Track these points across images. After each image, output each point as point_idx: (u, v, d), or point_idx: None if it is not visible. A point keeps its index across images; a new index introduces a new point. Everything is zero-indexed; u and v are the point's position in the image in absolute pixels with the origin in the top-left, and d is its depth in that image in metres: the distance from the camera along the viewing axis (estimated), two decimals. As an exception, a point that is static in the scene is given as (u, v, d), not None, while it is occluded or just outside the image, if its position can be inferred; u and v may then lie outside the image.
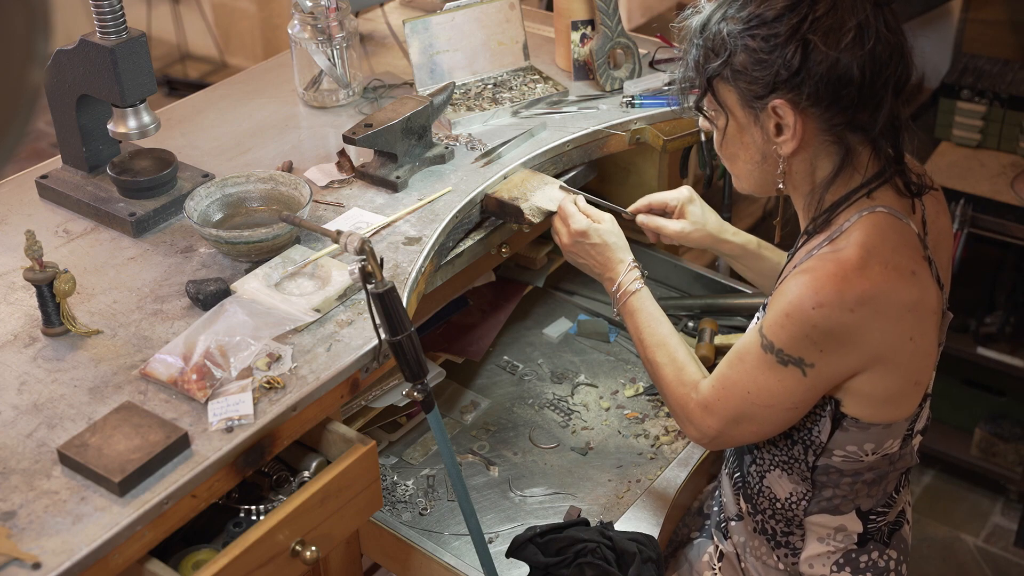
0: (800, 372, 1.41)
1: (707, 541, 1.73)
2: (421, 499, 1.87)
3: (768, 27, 1.37)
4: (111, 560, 1.31)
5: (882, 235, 1.39)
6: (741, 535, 1.64)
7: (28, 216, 1.88)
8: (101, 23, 1.70)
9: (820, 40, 1.34)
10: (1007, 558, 2.79)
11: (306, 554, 1.45)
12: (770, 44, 1.37)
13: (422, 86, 2.17)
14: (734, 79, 1.42)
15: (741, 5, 1.40)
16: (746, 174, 1.52)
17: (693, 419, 1.54)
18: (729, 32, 1.40)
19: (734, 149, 1.49)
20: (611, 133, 2.08)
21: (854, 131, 1.40)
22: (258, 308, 1.60)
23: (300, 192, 1.79)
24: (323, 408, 1.53)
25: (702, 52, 1.45)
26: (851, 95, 1.36)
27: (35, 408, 1.47)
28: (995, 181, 2.80)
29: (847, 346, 1.38)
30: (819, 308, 1.36)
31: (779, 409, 1.45)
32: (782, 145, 1.42)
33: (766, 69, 1.37)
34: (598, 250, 1.73)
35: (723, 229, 1.83)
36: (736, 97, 1.43)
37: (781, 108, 1.39)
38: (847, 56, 1.35)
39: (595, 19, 2.18)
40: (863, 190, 1.42)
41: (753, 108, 1.42)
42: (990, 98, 2.87)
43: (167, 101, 3.77)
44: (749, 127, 1.45)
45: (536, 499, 1.86)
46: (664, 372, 1.60)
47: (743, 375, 1.47)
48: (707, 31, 1.44)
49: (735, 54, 1.40)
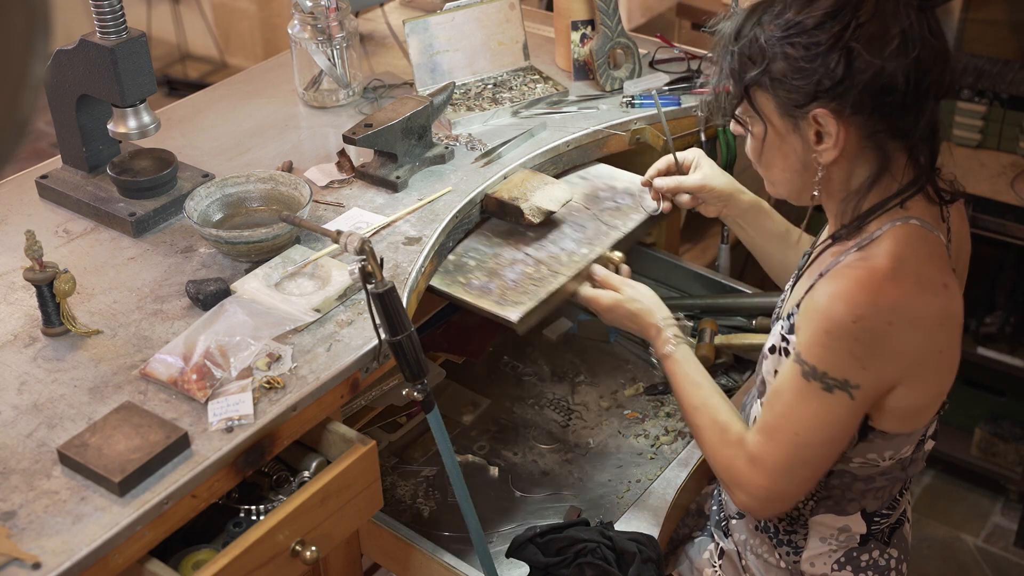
0: (848, 396, 1.36)
1: (707, 539, 1.73)
2: (421, 499, 1.87)
3: (809, 35, 1.33)
4: (111, 560, 1.31)
5: (913, 247, 1.37)
6: (742, 533, 1.64)
7: (28, 216, 1.88)
8: (101, 23, 1.70)
9: (864, 48, 1.30)
10: (1007, 558, 2.79)
11: (306, 554, 1.45)
12: (811, 52, 1.33)
13: (422, 86, 2.17)
14: (772, 87, 1.37)
15: (778, 12, 1.36)
16: (783, 181, 1.47)
17: (740, 480, 1.46)
18: (767, 39, 1.36)
19: (771, 156, 1.45)
20: (611, 133, 2.08)
21: (894, 138, 1.37)
22: (258, 308, 1.60)
23: (300, 192, 1.79)
24: (323, 408, 1.53)
25: (738, 59, 1.40)
26: (895, 102, 1.33)
27: (35, 408, 1.47)
28: (995, 181, 2.80)
29: (885, 360, 1.34)
30: (859, 321, 1.32)
31: (831, 444, 1.40)
32: (823, 153, 1.38)
33: (807, 78, 1.33)
34: (632, 320, 1.70)
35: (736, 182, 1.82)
36: (774, 105, 1.39)
37: (823, 117, 1.35)
38: (892, 64, 1.31)
39: (595, 19, 2.18)
40: (897, 199, 1.39)
41: (793, 116, 1.38)
42: (990, 98, 2.86)
43: (167, 101, 3.77)
44: (788, 135, 1.40)
45: (536, 499, 1.86)
46: (706, 435, 1.53)
47: (786, 415, 1.40)
48: (742, 37, 1.39)
49: (774, 62, 1.36)
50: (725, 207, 1.83)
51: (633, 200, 1.97)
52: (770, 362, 1.49)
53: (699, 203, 1.85)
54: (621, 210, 1.95)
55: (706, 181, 1.82)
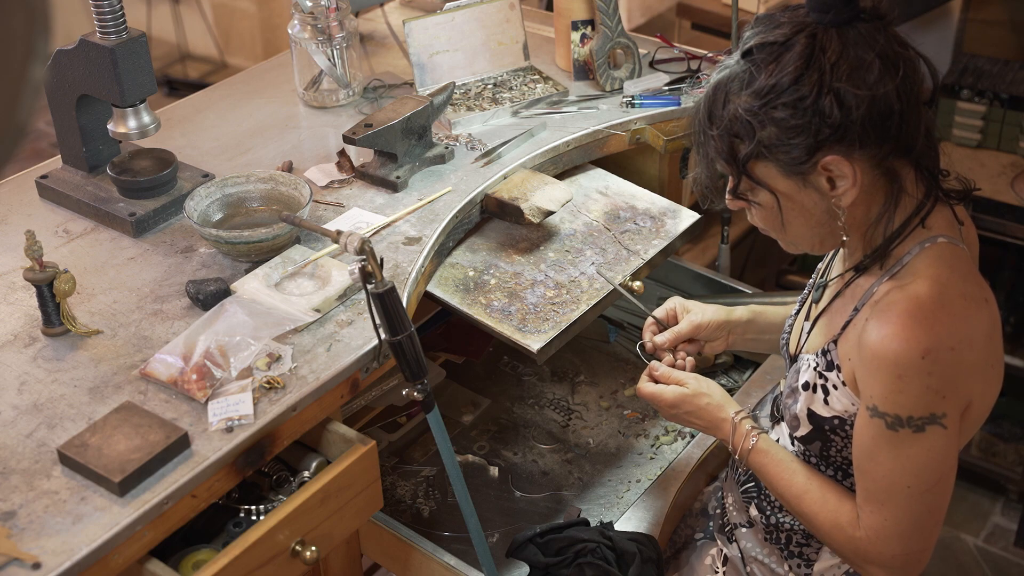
0: (941, 428, 1.33)
1: (710, 542, 1.71)
2: (421, 499, 1.87)
3: (789, 93, 1.30)
4: (111, 560, 1.31)
5: (950, 267, 1.35)
6: (749, 542, 1.62)
7: (28, 216, 1.88)
8: (101, 23, 1.70)
9: (850, 84, 1.29)
10: (1007, 558, 2.79)
11: (306, 554, 1.45)
12: (800, 108, 1.30)
13: (422, 86, 2.17)
14: (771, 154, 1.34)
15: (746, 82, 1.33)
16: (804, 237, 1.44)
17: (873, 558, 1.40)
18: (747, 110, 1.32)
19: (789, 219, 1.41)
20: (611, 133, 2.08)
21: (899, 156, 1.35)
22: (258, 308, 1.60)
23: (300, 192, 1.79)
24: (323, 408, 1.53)
25: (725, 142, 1.36)
26: (895, 124, 1.32)
27: (35, 408, 1.47)
28: (995, 181, 2.80)
29: (959, 384, 1.33)
30: (927, 355, 1.30)
31: (944, 481, 1.37)
32: (842, 197, 1.35)
33: (804, 133, 1.31)
34: (699, 416, 1.60)
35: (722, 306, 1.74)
36: (776, 170, 1.36)
37: (834, 164, 1.32)
38: (881, 88, 1.29)
39: (595, 19, 2.18)
40: (916, 219, 1.38)
41: (799, 174, 1.35)
42: (990, 98, 2.86)
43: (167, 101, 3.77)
44: (799, 193, 1.37)
45: (536, 499, 1.86)
46: (820, 521, 1.46)
47: (890, 474, 1.36)
48: (718, 120, 1.36)
49: (762, 130, 1.32)
50: (730, 334, 1.74)
51: (653, 224, 1.96)
52: (804, 399, 1.47)
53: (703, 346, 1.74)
54: (641, 234, 1.94)
55: (698, 320, 1.70)
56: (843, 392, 1.42)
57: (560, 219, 1.95)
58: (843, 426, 1.43)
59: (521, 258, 1.87)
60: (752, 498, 1.60)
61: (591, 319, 1.80)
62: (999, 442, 2.92)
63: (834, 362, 1.43)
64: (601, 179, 2.08)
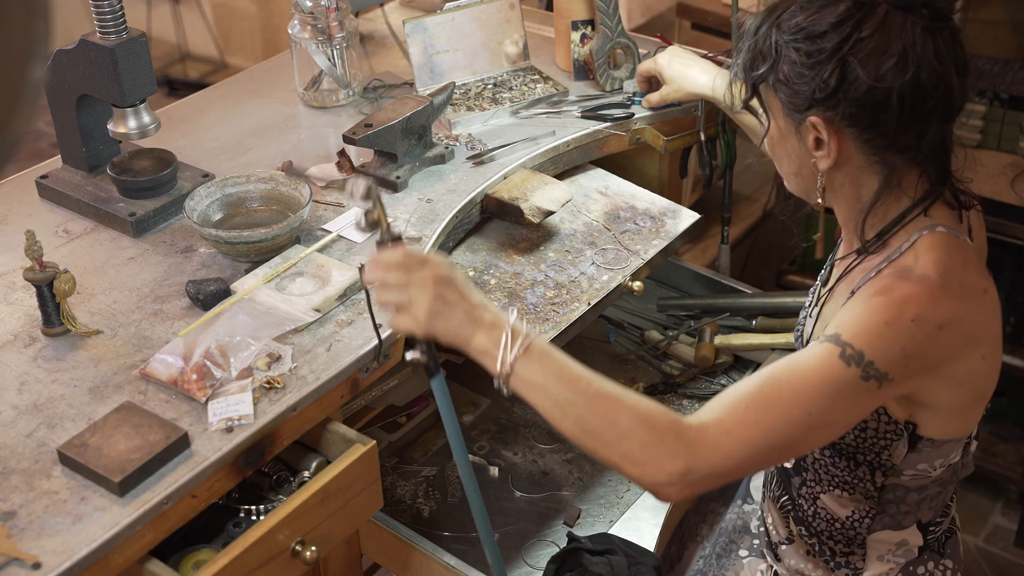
0: (876, 386, 1.29)
1: (757, 559, 1.67)
2: (421, 499, 1.87)
3: (812, 41, 1.33)
4: (111, 560, 1.31)
5: (951, 255, 1.35)
6: (793, 558, 1.59)
7: (28, 216, 1.88)
8: (101, 23, 1.70)
9: (860, 63, 1.30)
10: (1007, 558, 2.79)
11: (306, 554, 1.45)
12: (812, 60, 1.33)
13: (422, 86, 2.17)
14: (776, 88, 1.38)
15: (792, 12, 1.36)
16: (789, 178, 1.48)
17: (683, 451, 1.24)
18: (777, 39, 1.36)
19: (778, 153, 1.46)
20: (611, 133, 2.08)
21: (899, 153, 1.36)
22: (258, 308, 1.60)
23: (300, 192, 1.79)
24: (323, 408, 1.53)
25: (750, 55, 1.40)
26: (891, 120, 1.32)
27: (35, 408, 1.47)
28: (995, 181, 2.80)
29: (927, 361, 1.32)
30: (917, 321, 1.29)
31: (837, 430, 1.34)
32: (819, 160, 1.38)
33: (807, 84, 1.34)
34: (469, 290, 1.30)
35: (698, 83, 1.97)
36: (779, 105, 1.39)
37: (818, 125, 1.35)
38: (886, 82, 1.30)
39: (595, 19, 2.18)
40: (918, 209, 1.38)
41: (794, 119, 1.38)
42: (990, 98, 2.86)
43: (167, 101, 3.77)
44: (789, 136, 1.41)
45: (536, 499, 1.86)
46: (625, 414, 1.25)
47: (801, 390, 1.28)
48: (759, 33, 1.40)
49: (781, 63, 1.36)
50: None
51: (653, 224, 1.96)
52: None
53: None
54: (641, 234, 1.94)
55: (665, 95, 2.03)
56: None
57: (560, 219, 1.95)
58: None
59: (521, 258, 1.87)
60: (789, 512, 1.57)
61: (591, 319, 1.80)
62: (999, 442, 2.92)
63: None
64: (601, 179, 2.08)
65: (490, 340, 1.28)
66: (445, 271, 1.29)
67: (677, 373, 2.09)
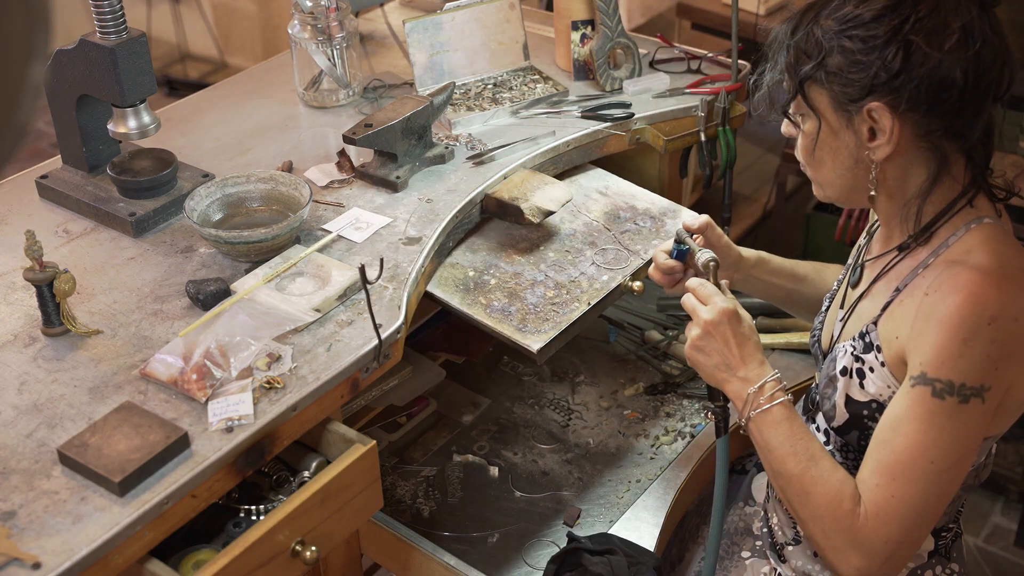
0: (980, 402, 1.30)
1: (760, 561, 1.66)
2: (421, 499, 1.87)
3: (866, 28, 1.32)
4: (111, 560, 1.31)
5: (1006, 245, 1.35)
6: (800, 559, 1.58)
7: (28, 216, 1.88)
8: (101, 23, 1.70)
9: (923, 41, 1.29)
10: (1007, 558, 2.79)
11: (306, 554, 1.45)
12: (869, 45, 1.32)
13: (422, 86, 2.17)
14: (828, 81, 1.36)
15: (836, 6, 1.36)
16: (831, 181, 1.44)
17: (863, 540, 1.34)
18: (824, 33, 1.36)
19: (823, 154, 1.42)
20: (611, 133, 2.08)
21: (951, 139, 1.36)
22: (258, 308, 1.60)
23: (300, 192, 1.79)
24: (323, 408, 1.53)
25: (794, 54, 1.39)
26: (952, 100, 1.32)
27: (35, 408, 1.47)
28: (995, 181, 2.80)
29: (1016, 358, 1.31)
30: (994, 322, 1.29)
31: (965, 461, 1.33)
32: (876, 150, 1.36)
33: (864, 71, 1.33)
34: (740, 340, 1.45)
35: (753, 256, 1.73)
36: (829, 100, 1.38)
37: (877, 111, 1.34)
38: (951, 59, 1.30)
39: (595, 19, 2.18)
40: (963, 200, 1.38)
41: (847, 111, 1.37)
42: (990, 98, 2.87)
43: (167, 101, 3.77)
44: (841, 131, 1.39)
45: (536, 499, 1.86)
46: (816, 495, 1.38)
47: (914, 446, 1.30)
48: (798, 33, 1.39)
49: (830, 55, 1.35)
50: (736, 271, 1.73)
51: (653, 224, 1.96)
52: (843, 385, 1.45)
53: None
54: (641, 234, 1.94)
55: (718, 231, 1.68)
56: (880, 374, 1.41)
57: (560, 219, 1.95)
58: (880, 410, 1.41)
59: (521, 258, 1.87)
60: None
61: (591, 319, 1.80)
62: (999, 442, 2.92)
63: (873, 343, 1.41)
64: (601, 179, 2.08)
65: (736, 393, 1.46)
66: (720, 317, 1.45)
67: (677, 373, 2.09)
